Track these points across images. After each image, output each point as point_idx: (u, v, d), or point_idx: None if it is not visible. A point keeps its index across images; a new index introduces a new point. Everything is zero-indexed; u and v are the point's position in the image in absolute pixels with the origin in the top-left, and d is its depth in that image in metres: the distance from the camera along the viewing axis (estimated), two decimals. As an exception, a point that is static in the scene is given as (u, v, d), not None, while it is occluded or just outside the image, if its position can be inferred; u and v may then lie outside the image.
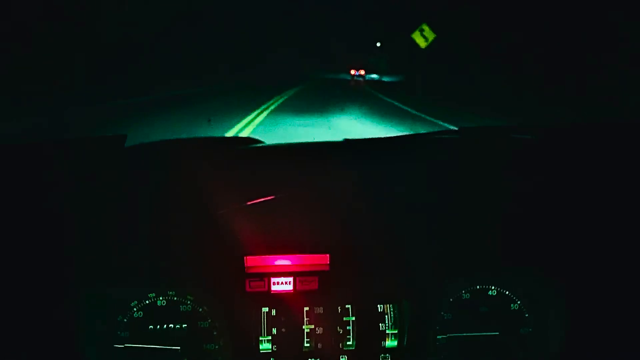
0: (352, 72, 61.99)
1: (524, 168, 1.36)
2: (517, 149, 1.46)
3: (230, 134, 9.40)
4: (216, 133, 9.16)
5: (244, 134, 9.31)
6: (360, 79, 56.17)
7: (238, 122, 10.91)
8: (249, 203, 1.22)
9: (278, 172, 1.32)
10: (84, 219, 1.21)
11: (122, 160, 1.34)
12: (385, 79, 56.05)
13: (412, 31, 18.57)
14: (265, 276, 1.25)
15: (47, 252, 1.19)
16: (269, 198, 1.22)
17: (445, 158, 1.42)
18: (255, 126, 10.51)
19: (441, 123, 11.90)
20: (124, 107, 13.40)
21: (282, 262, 1.26)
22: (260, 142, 1.46)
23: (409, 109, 15.47)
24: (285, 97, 18.81)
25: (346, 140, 1.46)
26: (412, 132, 1.49)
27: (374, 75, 61.05)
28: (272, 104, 15.70)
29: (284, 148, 1.35)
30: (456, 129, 1.50)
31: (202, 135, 8.65)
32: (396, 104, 17.93)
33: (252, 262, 1.25)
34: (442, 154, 1.44)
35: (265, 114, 12.81)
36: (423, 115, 13.66)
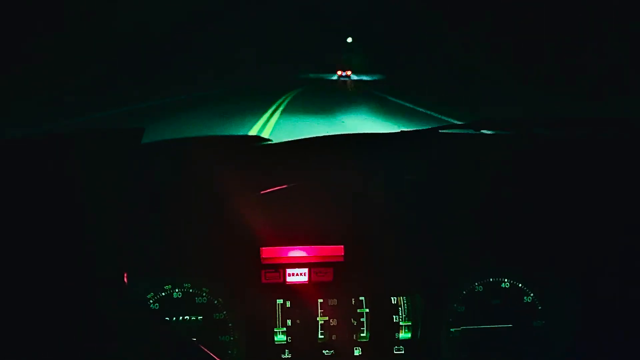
0: (339, 72, 62.26)
1: (537, 162, 1.36)
2: (531, 143, 1.46)
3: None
4: (232, 133, 9.32)
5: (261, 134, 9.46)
6: (347, 79, 56.34)
7: (253, 124, 11.06)
8: (262, 192, 1.23)
9: (293, 165, 1.33)
10: (100, 212, 1.23)
11: (138, 154, 1.35)
12: (365, 77, 55.37)
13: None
14: (280, 267, 1.27)
15: (62, 245, 1.20)
16: (282, 187, 1.23)
17: (460, 151, 1.43)
18: (269, 127, 10.62)
19: (452, 121, 11.92)
20: (131, 112, 13.41)
21: (297, 253, 1.27)
22: (270, 140, 1.48)
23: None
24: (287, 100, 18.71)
25: (361, 134, 1.47)
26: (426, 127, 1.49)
27: (354, 76, 60.94)
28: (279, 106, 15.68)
29: (298, 142, 1.36)
30: (469, 122, 1.50)
31: (219, 133, 8.76)
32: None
33: (268, 253, 1.26)
34: (456, 147, 1.44)
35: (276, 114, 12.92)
36: (431, 113, 13.63)
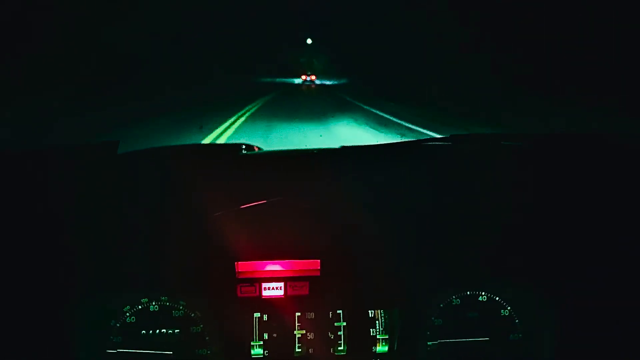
0: (303, 77, 64.45)
1: (514, 178, 1.37)
2: (507, 158, 1.47)
3: (221, 140, 9.41)
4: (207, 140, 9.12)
5: (235, 141, 9.23)
6: (312, 83, 59.10)
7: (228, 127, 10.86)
8: (242, 207, 1.23)
9: (270, 178, 1.33)
10: (78, 226, 1.23)
11: (115, 167, 1.35)
12: (327, 82, 55.79)
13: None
14: (256, 281, 1.27)
15: (40, 258, 1.20)
16: (261, 202, 1.24)
17: (437, 166, 1.44)
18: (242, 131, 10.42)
19: (429, 132, 11.75)
20: (113, 115, 12.97)
21: (273, 267, 1.27)
22: (251, 148, 1.48)
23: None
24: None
25: (339, 148, 1.48)
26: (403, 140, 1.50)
27: (318, 81, 62.06)
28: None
29: (276, 155, 1.37)
30: (447, 136, 1.51)
31: (194, 142, 8.61)
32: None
33: (243, 267, 1.26)
34: (433, 162, 1.46)
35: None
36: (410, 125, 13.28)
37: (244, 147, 1.56)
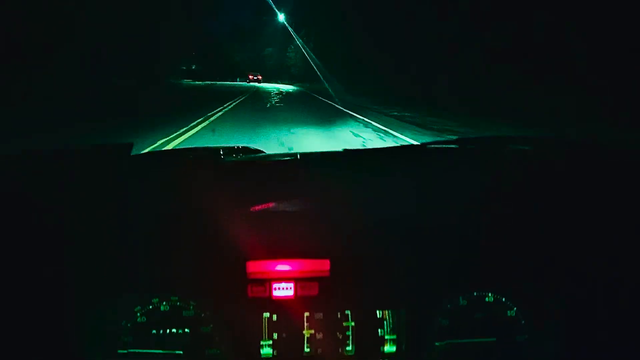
0: (250, 77, 62.95)
1: (520, 180, 1.39)
2: (514, 161, 1.49)
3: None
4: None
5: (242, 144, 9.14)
6: (257, 84, 57.31)
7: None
8: (252, 209, 1.25)
9: (280, 179, 1.35)
10: (87, 227, 1.24)
11: (124, 168, 1.37)
12: (267, 85, 50.76)
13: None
14: (266, 282, 1.28)
15: (51, 259, 1.21)
16: (271, 205, 1.25)
17: (445, 168, 1.45)
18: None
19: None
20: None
21: (283, 267, 1.29)
22: (260, 152, 1.50)
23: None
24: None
25: (347, 150, 1.50)
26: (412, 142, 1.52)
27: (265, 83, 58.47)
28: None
29: (286, 156, 1.38)
30: (455, 139, 1.53)
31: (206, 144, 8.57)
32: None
33: (254, 267, 1.27)
34: (442, 164, 1.47)
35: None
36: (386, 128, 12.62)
37: (250, 149, 1.58)
